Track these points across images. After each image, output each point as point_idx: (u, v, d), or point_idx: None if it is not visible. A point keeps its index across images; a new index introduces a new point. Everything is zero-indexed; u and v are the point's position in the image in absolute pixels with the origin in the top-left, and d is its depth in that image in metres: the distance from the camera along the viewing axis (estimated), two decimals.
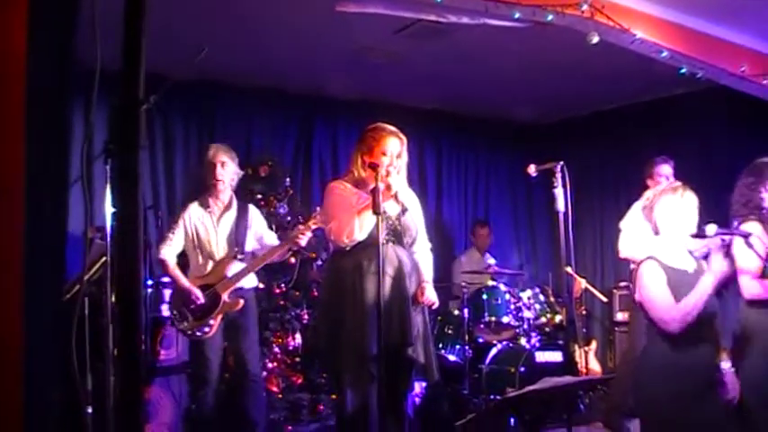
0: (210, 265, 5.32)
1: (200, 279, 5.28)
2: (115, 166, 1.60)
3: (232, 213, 5.40)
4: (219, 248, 5.33)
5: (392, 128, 4.30)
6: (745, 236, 3.88)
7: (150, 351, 5.54)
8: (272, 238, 5.52)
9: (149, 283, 5.58)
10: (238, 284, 5.25)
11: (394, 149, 4.22)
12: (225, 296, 5.20)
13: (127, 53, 1.56)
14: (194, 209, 5.39)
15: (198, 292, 5.18)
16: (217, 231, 5.33)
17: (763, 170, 4.23)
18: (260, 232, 5.50)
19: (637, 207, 5.78)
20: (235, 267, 5.28)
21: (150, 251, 5.57)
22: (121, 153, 1.57)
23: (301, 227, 5.13)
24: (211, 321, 5.17)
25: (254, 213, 5.55)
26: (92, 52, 1.86)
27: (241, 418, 5.25)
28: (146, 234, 6.41)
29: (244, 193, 6.78)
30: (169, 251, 5.34)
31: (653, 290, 3.66)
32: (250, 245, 5.42)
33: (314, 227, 5.01)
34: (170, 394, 5.49)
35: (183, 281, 5.27)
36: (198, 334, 5.18)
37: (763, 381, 3.87)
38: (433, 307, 4.40)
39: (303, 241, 5.12)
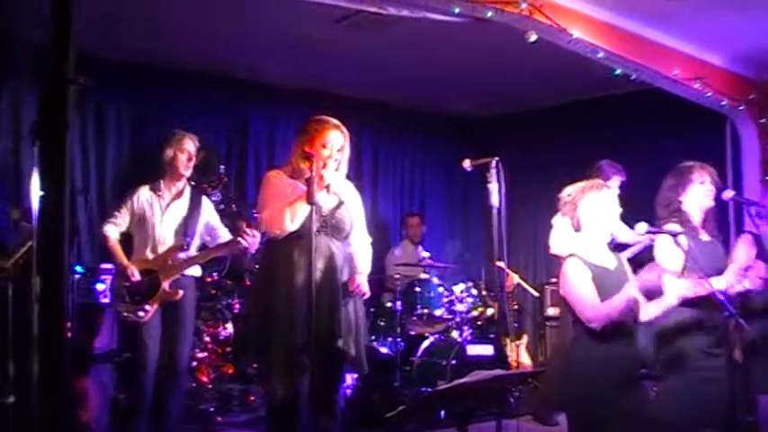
0: (150, 249, 5.19)
1: (143, 262, 5.15)
2: (43, 148, 1.55)
3: (183, 201, 5.29)
4: (163, 235, 5.20)
5: (336, 121, 4.26)
6: (674, 234, 3.96)
7: (81, 339, 5.41)
8: (223, 231, 5.41)
9: (78, 269, 5.45)
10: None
11: (336, 142, 4.19)
12: (165, 285, 5.07)
13: (56, 32, 1.51)
14: (144, 192, 5.27)
15: (134, 270, 5.05)
16: (163, 217, 5.21)
17: (684, 173, 4.29)
18: (212, 224, 5.40)
19: None
20: (180, 257, 5.18)
21: (79, 236, 5.44)
22: (49, 134, 1.52)
23: (248, 228, 4.85)
24: (147, 307, 5.04)
25: (206, 204, 5.44)
26: (24, 29, 1.80)
27: (159, 408, 5.09)
28: (74, 218, 6.26)
29: None
30: (112, 228, 5.22)
31: (577, 287, 3.70)
32: (200, 236, 5.32)
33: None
34: (97, 384, 5.37)
35: (121, 257, 5.14)
36: (132, 317, 5.06)
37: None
38: (364, 297, 4.39)
39: (248, 243, 4.79)
